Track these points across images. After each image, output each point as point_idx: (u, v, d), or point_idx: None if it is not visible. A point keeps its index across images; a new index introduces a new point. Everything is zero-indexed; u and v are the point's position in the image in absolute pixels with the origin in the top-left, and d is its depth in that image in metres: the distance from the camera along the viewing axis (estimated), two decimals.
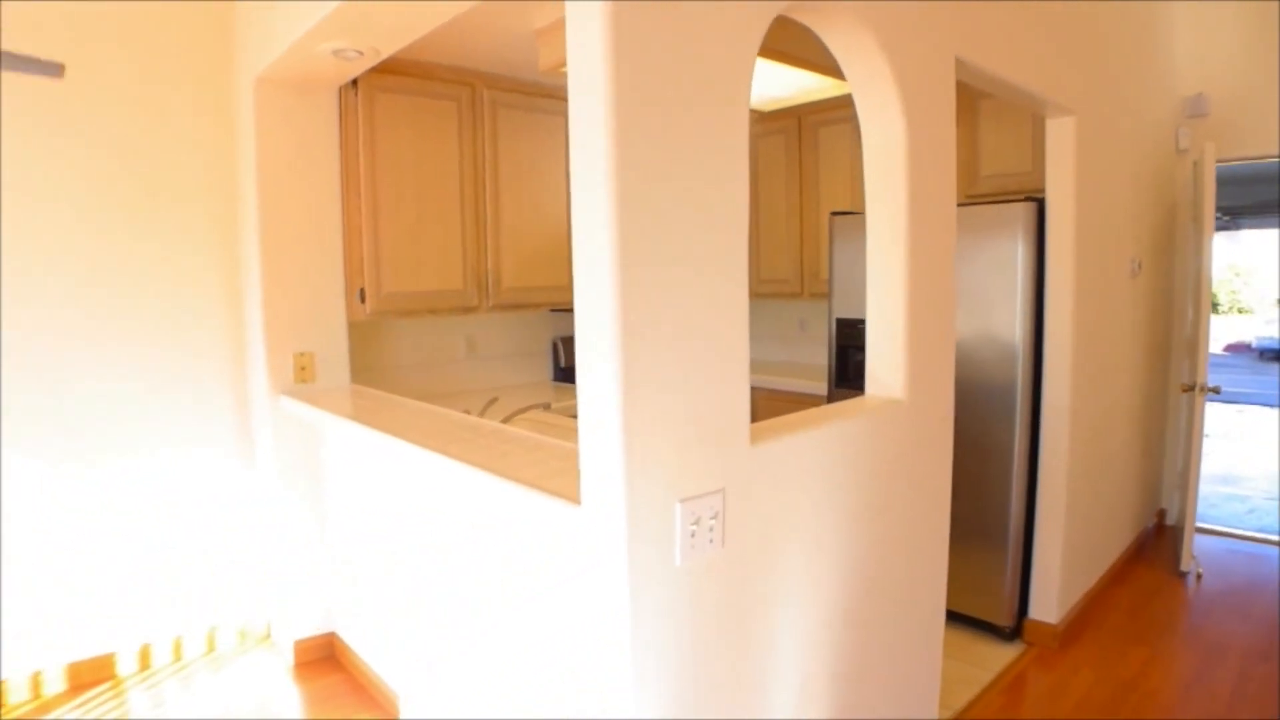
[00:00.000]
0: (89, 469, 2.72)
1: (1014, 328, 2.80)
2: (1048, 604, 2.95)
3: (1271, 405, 9.94)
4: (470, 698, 2.02)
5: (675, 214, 1.23)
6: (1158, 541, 4.11)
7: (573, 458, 1.69)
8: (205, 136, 2.87)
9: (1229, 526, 4.37)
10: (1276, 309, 14.62)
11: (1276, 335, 14.32)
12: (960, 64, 2.04)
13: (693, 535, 1.30)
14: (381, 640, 2.57)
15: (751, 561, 1.44)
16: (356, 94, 2.90)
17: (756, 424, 1.50)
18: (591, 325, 1.20)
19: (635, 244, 1.18)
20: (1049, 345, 2.85)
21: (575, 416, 3.15)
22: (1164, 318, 4.10)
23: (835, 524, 1.65)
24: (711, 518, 1.33)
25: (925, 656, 2.06)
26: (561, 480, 1.50)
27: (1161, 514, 4.33)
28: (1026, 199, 2.80)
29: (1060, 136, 2.76)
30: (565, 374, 3.85)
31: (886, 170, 1.80)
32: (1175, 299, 4.23)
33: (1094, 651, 2.92)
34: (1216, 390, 3.52)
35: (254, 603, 3.08)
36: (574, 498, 1.36)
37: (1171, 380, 4.25)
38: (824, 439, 1.59)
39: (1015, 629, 2.99)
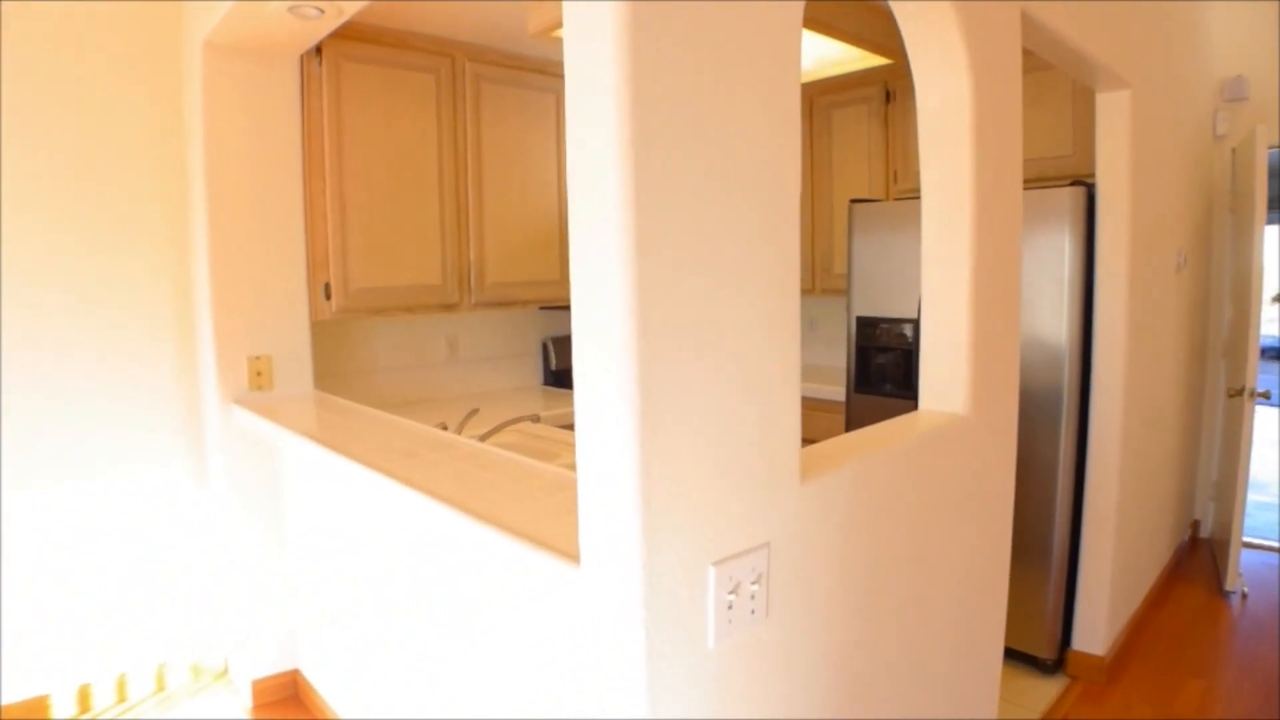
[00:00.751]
0: (15, 492, 2.38)
1: (1060, 327, 2.50)
2: (1094, 633, 2.66)
3: (1273, 405, 9.71)
4: None
5: (707, 200, 0.92)
6: (1193, 556, 3.83)
7: (569, 489, 1.37)
8: (152, 114, 2.52)
9: (1264, 538, 4.09)
10: (1276, 307, 14.42)
11: (1277, 334, 14.12)
12: (1024, 20, 1.73)
13: (730, 607, 0.98)
14: (349, 683, 2.25)
15: (801, 632, 1.12)
16: (320, 63, 2.56)
17: (806, 450, 1.19)
18: (595, 339, 0.89)
19: (654, 240, 0.86)
20: (1099, 347, 2.55)
21: (568, 428, 2.83)
22: (1201, 316, 3.81)
23: (892, 568, 1.34)
24: (754, 582, 1.01)
25: (981, 707, 1.76)
26: (555, 524, 1.18)
27: (1195, 526, 4.05)
28: (1073, 183, 2.50)
29: (1113, 112, 2.46)
30: (556, 378, 3.53)
31: (947, 139, 1.49)
32: (1211, 296, 3.94)
33: (1146, 686, 2.63)
34: (1266, 395, 3.24)
35: (209, 636, 2.75)
36: (571, 552, 1.04)
37: (1208, 383, 3.97)
38: (884, 467, 1.27)
39: (1057, 661, 2.69)
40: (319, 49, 2.55)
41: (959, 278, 1.50)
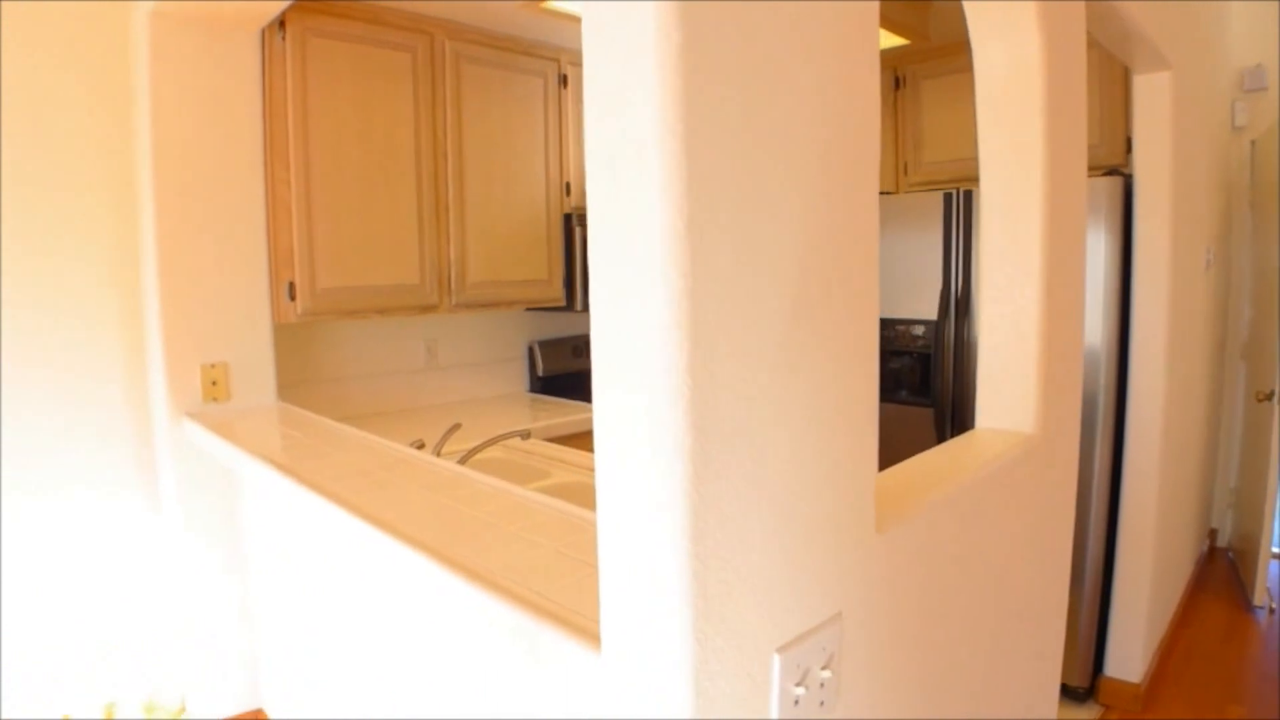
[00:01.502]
0: None
1: (1096, 330, 2.30)
2: (1129, 658, 2.47)
3: None
4: None
5: (773, 188, 0.68)
6: (1212, 568, 3.66)
7: (579, 532, 1.14)
8: (96, 99, 2.24)
9: None
10: None
11: None
12: None
13: (796, 703, 0.76)
14: None
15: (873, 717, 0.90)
16: (284, 38, 2.31)
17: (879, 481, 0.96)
18: (628, 372, 0.65)
19: (714, 240, 0.63)
20: (1137, 351, 2.36)
21: (557, 441, 2.59)
22: (1220, 316, 3.65)
23: (961, 618, 1.12)
24: (823, 666, 0.79)
25: None
26: (561, 583, 0.95)
27: (1212, 535, 3.89)
28: (1107, 173, 2.31)
29: (1153, 96, 2.26)
30: (544, 384, 3.29)
31: (1013, 110, 1.28)
32: (1230, 295, 3.78)
33: (1184, 714, 2.44)
34: None
35: (165, 672, 2.48)
36: (588, 628, 0.81)
37: (1225, 385, 3.80)
38: (961, 503, 1.05)
39: (1089, 688, 2.49)
40: (282, 22, 2.29)
41: (1028, 275, 1.28)
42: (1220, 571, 3.62)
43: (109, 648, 2.38)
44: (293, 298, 2.34)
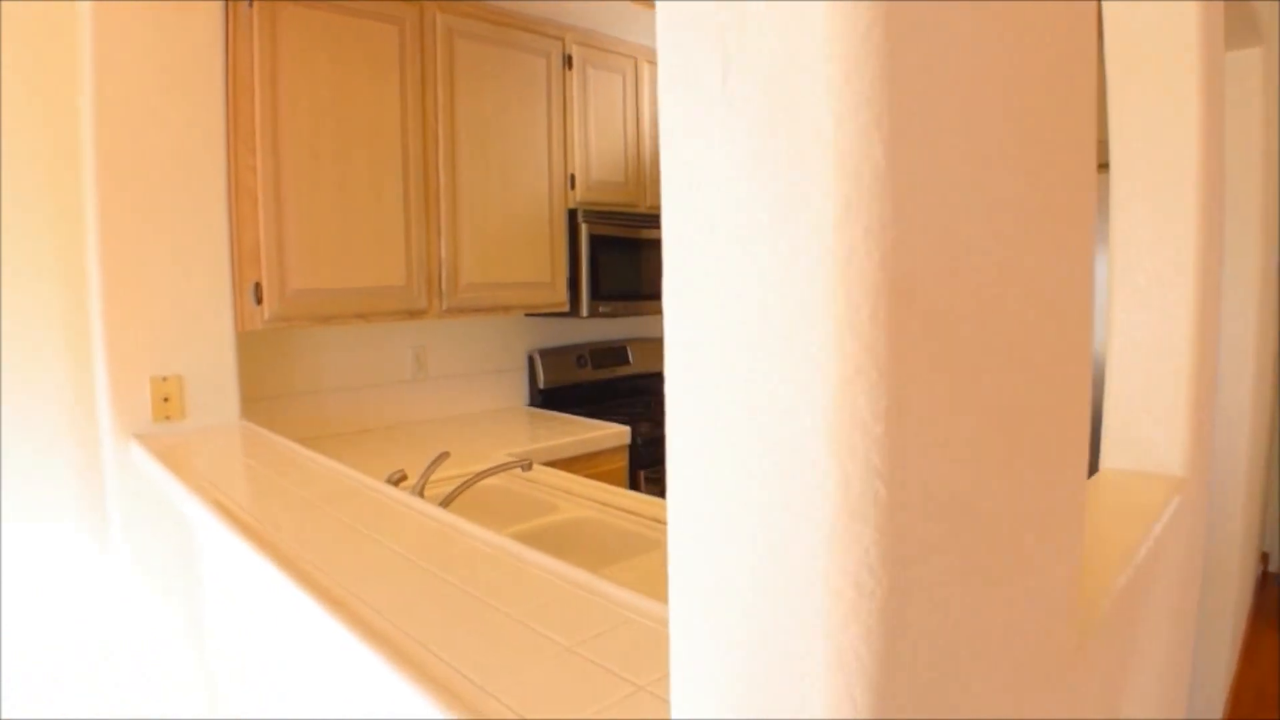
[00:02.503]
0: None
1: None
2: (1205, 710, 2.19)
3: None
4: None
5: (977, 163, 0.40)
6: (1265, 595, 3.39)
7: (607, 622, 0.85)
8: (36, 74, 1.95)
9: None
10: None
11: None
12: None
13: None
14: None
15: None
16: (251, 5, 2.02)
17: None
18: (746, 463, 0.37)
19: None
20: (1223, 366, 2.08)
21: (564, 465, 2.30)
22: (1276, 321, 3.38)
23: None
24: None
25: None
26: (590, 706, 0.66)
27: (1265, 559, 3.62)
28: None
29: (1243, 75, 1.99)
30: (545, 398, 3.00)
31: (1162, 64, 1.00)
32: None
33: None
34: None
35: None
36: None
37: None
38: (1137, 581, 0.77)
39: None
40: None
41: (1179, 272, 1.00)
42: (1274, 600, 3.35)
43: (53, 703, 2.08)
44: (259, 301, 2.05)
